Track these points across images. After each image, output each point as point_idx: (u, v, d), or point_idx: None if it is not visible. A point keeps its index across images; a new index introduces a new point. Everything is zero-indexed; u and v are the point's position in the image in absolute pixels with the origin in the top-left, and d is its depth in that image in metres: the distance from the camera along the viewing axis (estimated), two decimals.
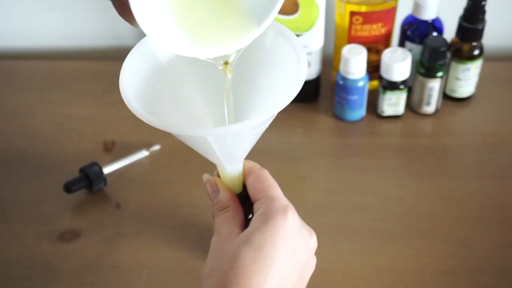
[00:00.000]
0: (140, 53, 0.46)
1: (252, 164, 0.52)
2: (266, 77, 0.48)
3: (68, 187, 0.69)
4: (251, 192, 0.50)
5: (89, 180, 0.70)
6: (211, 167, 0.73)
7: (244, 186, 0.53)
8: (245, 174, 0.52)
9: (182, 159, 0.76)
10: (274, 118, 0.44)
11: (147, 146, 0.77)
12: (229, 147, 0.46)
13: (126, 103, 0.43)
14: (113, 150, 0.77)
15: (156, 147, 0.77)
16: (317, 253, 0.55)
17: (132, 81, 0.45)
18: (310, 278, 0.52)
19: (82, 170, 0.71)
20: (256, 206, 0.48)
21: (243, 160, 0.51)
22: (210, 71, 0.47)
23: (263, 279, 0.43)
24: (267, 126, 0.46)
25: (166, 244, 0.66)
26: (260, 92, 0.49)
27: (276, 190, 0.49)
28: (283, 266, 0.44)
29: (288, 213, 0.46)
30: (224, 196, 0.51)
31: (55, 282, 0.63)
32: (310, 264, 0.49)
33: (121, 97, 0.43)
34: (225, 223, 0.49)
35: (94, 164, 0.71)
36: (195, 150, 0.48)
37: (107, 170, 0.72)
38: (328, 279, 0.62)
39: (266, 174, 0.51)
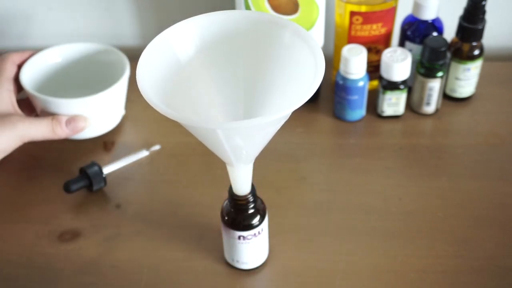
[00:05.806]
0: (157, 47, 0.46)
1: None
2: (281, 77, 0.48)
3: (68, 187, 0.69)
4: None
5: (89, 180, 0.70)
6: (211, 167, 0.73)
7: (253, 185, 0.53)
8: None
9: (182, 159, 0.76)
10: (287, 119, 0.44)
11: (147, 146, 0.77)
12: (240, 144, 0.46)
13: (143, 95, 0.42)
14: (113, 150, 0.77)
15: (156, 147, 0.77)
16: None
17: (148, 74, 0.45)
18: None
19: (82, 170, 0.71)
20: None
21: (253, 160, 0.51)
22: (226, 69, 0.47)
23: None
24: (279, 127, 0.46)
25: (166, 244, 0.66)
26: (274, 92, 0.49)
27: None
28: None
29: None
30: None
31: (55, 282, 0.63)
32: None
33: None
34: None
35: (94, 164, 0.71)
36: (207, 146, 0.48)
37: (107, 170, 0.72)
38: (328, 279, 0.61)
39: None
